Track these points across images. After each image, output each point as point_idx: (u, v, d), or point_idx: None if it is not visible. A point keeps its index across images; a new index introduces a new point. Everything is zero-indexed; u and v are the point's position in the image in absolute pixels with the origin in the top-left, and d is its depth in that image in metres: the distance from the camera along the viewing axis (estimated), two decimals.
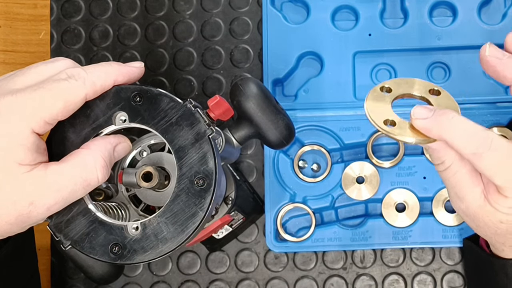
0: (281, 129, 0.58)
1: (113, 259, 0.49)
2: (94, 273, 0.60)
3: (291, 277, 0.77)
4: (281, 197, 0.76)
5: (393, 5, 0.78)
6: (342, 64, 0.77)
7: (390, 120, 0.52)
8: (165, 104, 0.49)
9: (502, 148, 0.49)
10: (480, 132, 0.49)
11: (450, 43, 0.76)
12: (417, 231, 0.74)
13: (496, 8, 0.78)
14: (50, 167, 0.46)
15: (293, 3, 0.80)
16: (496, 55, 0.52)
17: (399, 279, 0.76)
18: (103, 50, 0.82)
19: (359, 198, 0.76)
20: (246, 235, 0.78)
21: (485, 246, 0.64)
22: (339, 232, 0.75)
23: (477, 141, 0.49)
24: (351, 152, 0.77)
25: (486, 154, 0.49)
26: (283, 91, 0.79)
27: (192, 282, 0.78)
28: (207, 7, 0.82)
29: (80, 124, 0.49)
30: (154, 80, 0.81)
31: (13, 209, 0.45)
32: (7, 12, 0.84)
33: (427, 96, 0.54)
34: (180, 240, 0.48)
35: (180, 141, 0.49)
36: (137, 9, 0.82)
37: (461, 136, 0.49)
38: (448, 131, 0.50)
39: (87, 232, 0.49)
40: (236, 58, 0.81)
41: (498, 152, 0.49)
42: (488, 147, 0.49)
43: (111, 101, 0.49)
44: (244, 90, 0.57)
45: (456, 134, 0.49)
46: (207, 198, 0.48)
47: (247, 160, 0.79)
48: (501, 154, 0.49)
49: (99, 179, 0.48)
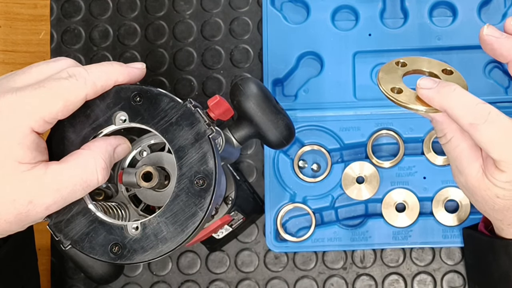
0: (281, 129, 0.58)
1: (113, 259, 0.49)
2: (94, 273, 0.60)
3: (291, 277, 0.77)
4: (281, 197, 0.76)
5: (393, 5, 0.78)
6: (342, 64, 0.77)
7: (398, 88, 0.55)
8: (165, 104, 0.49)
9: (499, 122, 0.52)
10: (479, 104, 0.52)
11: (450, 43, 0.76)
12: (417, 231, 0.74)
13: (496, 8, 0.78)
14: (50, 166, 0.46)
15: (293, 3, 0.80)
16: (494, 34, 0.56)
17: (399, 279, 0.76)
18: (103, 50, 0.82)
19: (359, 198, 0.76)
20: (246, 235, 0.78)
21: (485, 230, 0.65)
22: (339, 232, 0.75)
23: (475, 112, 0.52)
24: (351, 152, 0.77)
25: (482, 126, 0.51)
26: (283, 91, 0.79)
27: (192, 282, 0.78)
28: (207, 7, 0.82)
29: (80, 123, 0.49)
30: (154, 80, 0.81)
31: (12, 207, 0.45)
32: (7, 12, 0.84)
33: (439, 74, 0.57)
34: (180, 240, 0.48)
35: (180, 141, 0.49)
36: (137, 9, 0.83)
37: (461, 106, 0.52)
38: (449, 102, 0.52)
39: (87, 232, 0.49)
40: (236, 58, 0.81)
41: (495, 125, 0.51)
42: (484, 119, 0.51)
43: (111, 101, 0.49)
44: (244, 90, 0.57)
45: (456, 104, 0.52)
46: (207, 198, 0.48)
47: (247, 160, 0.79)
48: (497, 127, 0.51)
49: (99, 180, 0.48)
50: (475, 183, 0.56)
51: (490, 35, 0.56)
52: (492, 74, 0.77)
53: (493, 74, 0.77)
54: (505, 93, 0.77)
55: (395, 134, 0.76)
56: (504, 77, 0.77)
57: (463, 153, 0.56)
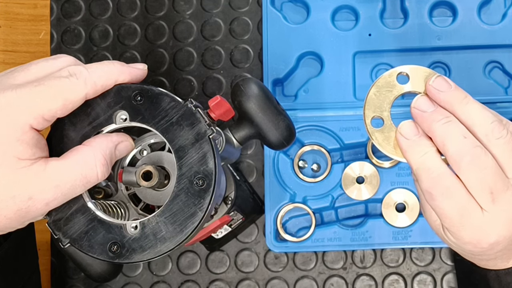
0: (281, 130, 0.58)
1: (112, 258, 0.49)
2: (92, 271, 0.60)
3: (291, 277, 0.77)
4: (281, 197, 0.76)
5: (393, 5, 0.78)
6: (342, 64, 0.77)
7: (379, 117, 0.53)
8: (166, 104, 0.49)
9: (457, 197, 0.51)
10: (440, 175, 0.51)
11: (450, 43, 0.76)
12: (417, 231, 0.74)
13: (496, 8, 0.78)
14: (50, 162, 0.46)
15: (293, 3, 0.80)
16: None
17: (399, 279, 0.76)
18: (103, 50, 0.82)
19: (359, 198, 0.76)
20: (246, 235, 0.78)
21: None
22: (339, 232, 0.75)
23: (434, 186, 0.51)
24: (351, 152, 0.77)
25: (439, 197, 0.51)
26: (283, 91, 0.79)
27: (192, 282, 0.78)
28: (207, 7, 0.82)
29: (80, 122, 0.49)
30: (154, 80, 0.81)
31: (12, 203, 0.45)
32: (7, 12, 0.84)
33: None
34: (178, 240, 0.48)
35: (181, 141, 0.49)
36: (137, 9, 0.83)
37: (422, 177, 0.51)
38: (412, 163, 0.52)
39: (86, 231, 0.49)
40: (236, 58, 0.81)
41: (452, 201, 0.51)
42: (441, 192, 0.50)
43: (112, 100, 0.49)
44: (245, 91, 0.57)
45: (416, 170, 0.52)
46: (207, 198, 0.48)
47: (247, 160, 0.79)
48: (454, 203, 0.51)
49: (98, 177, 0.48)
50: (433, 227, 0.56)
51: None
52: (492, 74, 0.77)
53: (493, 74, 0.77)
54: (505, 93, 0.77)
55: None
56: (504, 77, 0.77)
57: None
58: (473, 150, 0.50)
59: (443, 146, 0.51)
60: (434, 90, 0.52)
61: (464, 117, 0.51)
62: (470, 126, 0.51)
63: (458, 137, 0.50)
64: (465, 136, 0.50)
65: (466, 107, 0.51)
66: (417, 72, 0.53)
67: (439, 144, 0.51)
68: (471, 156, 0.50)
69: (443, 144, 0.50)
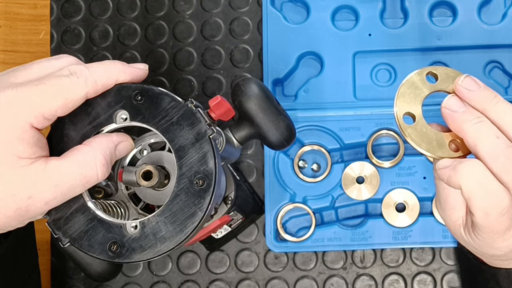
0: (282, 130, 0.58)
1: (111, 257, 0.49)
2: (92, 270, 0.60)
3: (291, 277, 0.77)
4: (281, 197, 0.76)
5: (393, 5, 0.78)
6: (342, 64, 0.77)
7: (412, 114, 0.52)
8: (166, 104, 0.49)
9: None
10: (498, 189, 0.49)
11: (450, 43, 0.76)
12: (417, 231, 0.74)
13: (496, 8, 0.78)
14: (50, 161, 0.46)
15: (293, 3, 0.80)
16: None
17: (399, 279, 0.76)
18: (103, 50, 0.82)
19: (359, 198, 0.76)
20: (246, 235, 0.78)
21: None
22: (339, 232, 0.75)
23: (487, 201, 0.49)
24: (351, 152, 0.77)
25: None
26: (283, 91, 0.79)
27: (192, 282, 0.78)
28: (207, 7, 0.82)
29: (80, 121, 0.49)
30: (154, 80, 0.81)
31: (12, 202, 0.45)
32: (7, 12, 0.84)
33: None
34: (178, 240, 0.48)
35: (181, 141, 0.49)
36: (137, 9, 0.83)
37: (477, 192, 0.49)
38: (463, 184, 0.49)
39: (86, 230, 0.49)
40: (236, 58, 0.81)
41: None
42: (497, 211, 0.49)
43: (112, 99, 0.49)
44: (246, 91, 0.57)
45: (471, 193, 0.49)
46: (207, 198, 0.48)
47: (247, 160, 0.79)
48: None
49: (98, 177, 0.48)
50: (451, 226, 0.55)
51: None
52: (492, 74, 0.77)
53: (493, 74, 0.77)
54: (505, 93, 0.77)
55: (395, 134, 0.76)
56: (504, 77, 0.77)
57: (451, 196, 0.54)
58: (506, 150, 0.48)
59: (475, 146, 0.49)
60: (464, 90, 0.51)
61: (495, 117, 0.50)
62: (502, 125, 0.50)
63: (490, 137, 0.49)
64: (498, 136, 0.49)
65: (496, 107, 0.50)
66: (445, 72, 0.53)
67: (470, 144, 0.50)
68: (505, 157, 0.48)
69: (475, 145, 0.49)
